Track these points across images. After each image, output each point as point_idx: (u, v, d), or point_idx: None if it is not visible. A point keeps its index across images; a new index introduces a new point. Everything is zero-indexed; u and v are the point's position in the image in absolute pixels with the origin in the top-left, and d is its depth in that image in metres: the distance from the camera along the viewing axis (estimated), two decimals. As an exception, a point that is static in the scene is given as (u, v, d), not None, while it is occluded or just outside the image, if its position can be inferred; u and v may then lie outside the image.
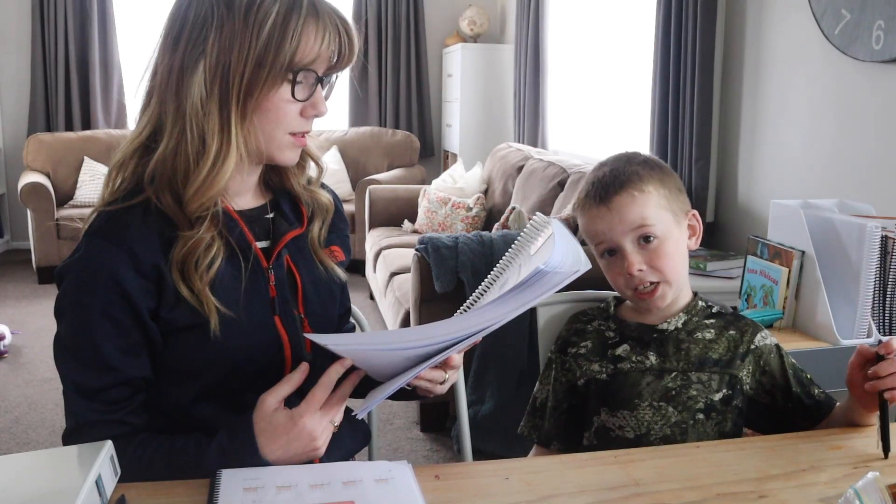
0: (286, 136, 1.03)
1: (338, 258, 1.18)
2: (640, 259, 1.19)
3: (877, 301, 1.70)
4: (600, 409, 1.23)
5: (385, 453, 2.62)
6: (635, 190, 1.20)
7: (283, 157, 1.05)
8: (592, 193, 1.22)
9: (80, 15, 5.41)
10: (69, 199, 5.10)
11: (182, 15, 0.99)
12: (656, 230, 1.20)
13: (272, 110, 0.99)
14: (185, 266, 0.98)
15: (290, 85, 0.99)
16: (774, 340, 1.26)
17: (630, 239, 1.20)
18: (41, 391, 3.15)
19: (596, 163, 1.29)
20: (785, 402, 1.22)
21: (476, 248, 2.65)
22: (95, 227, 0.99)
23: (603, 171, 1.24)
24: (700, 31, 2.83)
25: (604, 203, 1.20)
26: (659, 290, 1.20)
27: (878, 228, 1.65)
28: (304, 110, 1.03)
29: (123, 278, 0.96)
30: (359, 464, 1.02)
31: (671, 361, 1.22)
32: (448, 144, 5.91)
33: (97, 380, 0.98)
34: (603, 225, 1.21)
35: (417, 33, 5.87)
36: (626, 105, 3.93)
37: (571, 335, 1.30)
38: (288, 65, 0.97)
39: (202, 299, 0.99)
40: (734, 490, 0.93)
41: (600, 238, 1.22)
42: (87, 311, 0.97)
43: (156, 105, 1.01)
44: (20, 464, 0.93)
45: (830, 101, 2.42)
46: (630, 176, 1.21)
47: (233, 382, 1.05)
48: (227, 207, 1.04)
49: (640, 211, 1.19)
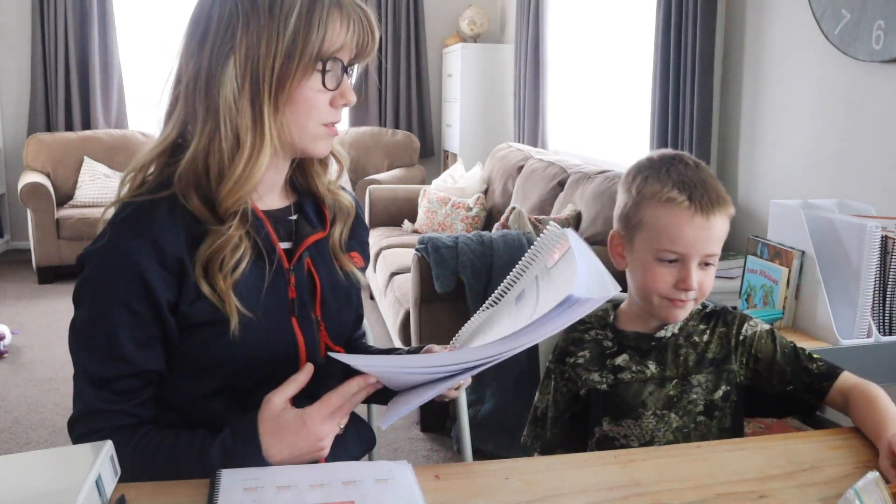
0: (320, 126, 1.04)
1: (357, 264, 1.18)
2: (697, 279, 1.17)
3: (877, 301, 1.70)
4: (602, 420, 1.23)
5: (385, 453, 2.62)
6: (727, 215, 1.18)
7: (316, 149, 1.06)
8: (695, 197, 1.15)
9: (80, 15, 5.40)
10: (69, 199, 5.10)
11: (206, 16, 1.00)
12: (717, 259, 1.19)
13: (303, 101, 1.00)
14: (210, 264, 0.98)
15: (320, 74, 1.00)
16: (766, 326, 1.25)
17: (701, 257, 1.17)
18: (41, 391, 3.15)
19: (595, 164, 1.29)
20: (783, 385, 1.21)
21: (476, 248, 2.65)
22: (122, 217, 1.00)
23: (689, 175, 1.17)
24: (700, 31, 2.83)
25: (705, 214, 1.15)
26: (689, 304, 1.20)
27: (878, 228, 1.65)
28: (334, 100, 1.03)
29: (146, 269, 0.96)
30: (359, 464, 1.02)
31: (671, 368, 1.22)
32: (448, 144, 5.91)
33: (109, 369, 0.98)
34: (692, 233, 1.15)
35: (417, 33, 5.87)
36: (626, 105, 3.93)
37: (569, 345, 1.29)
38: (317, 54, 0.99)
39: (224, 298, 0.99)
40: (734, 490, 0.93)
41: (678, 243, 1.15)
42: (106, 300, 0.97)
43: (182, 109, 1.02)
44: (20, 464, 0.93)
45: (830, 101, 2.42)
46: (725, 197, 1.18)
47: (245, 381, 1.05)
48: (254, 207, 1.05)
49: (723, 236, 1.17)
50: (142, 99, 5.72)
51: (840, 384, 1.18)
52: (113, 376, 0.99)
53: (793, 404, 1.22)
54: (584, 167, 3.52)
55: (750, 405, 1.25)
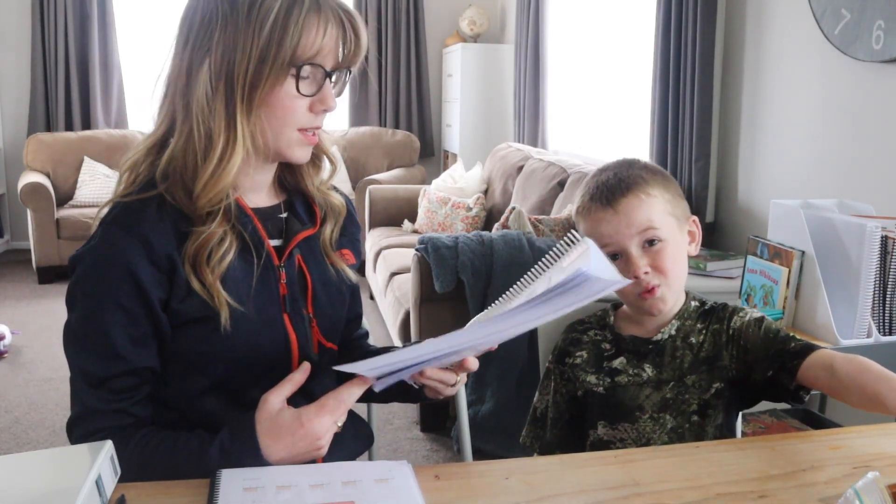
0: (295, 132, 1.03)
1: (348, 261, 1.18)
2: (645, 262, 1.19)
3: (877, 301, 1.70)
4: (597, 423, 1.23)
5: (385, 453, 2.62)
6: (642, 193, 1.19)
7: (293, 155, 1.05)
8: (597, 196, 1.21)
9: (80, 15, 5.41)
10: (69, 199, 5.10)
11: (190, 17, 1.01)
12: (661, 233, 1.19)
13: (279, 106, 1.00)
14: (198, 259, 0.99)
15: (294, 80, 0.99)
16: (756, 315, 1.22)
17: (636, 242, 1.19)
18: (41, 391, 3.15)
19: (595, 164, 1.30)
20: (764, 372, 1.16)
21: (476, 248, 2.65)
22: (111, 217, 1.00)
23: (606, 175, 1.23)
24: (700, 31, 2.83)
25: (610, 205, 1.19)
26: (658, 291, 1.20)
27: (878, 228, 1.65)
28: (313, 106, 1.03)
29: (137, 267, 0.97)
30: (359, 464, 1.02)
31: (667, 371, 1.21)
32: (448, 144, 5.91)
33: (105, 368, 0.99)
34: (609, 228, 1.20)
35: (417, 33, 5.87)
36: (626, 105, 3.93)
37: (568, 345, 1.29)
38: (290, 59, 0.98)
39: (213, 293, 0.99)
40: (734, 490, 0.93)
41: (605, 241, 1.20)
42: (98, 299, 0.98)
43: (168, 105, 1.03)
44: (20, 464, 0.93)
45: (830, 101, 2.42)
46: (636, 179, 1.20)
47: (239, 378, 1.05)
48: (241, 203, 1.05)
49: (646, 214, 1.19)
50: (142, 99, 5.72)
51: (819, 360, 1.11)
52: (109, 375, 0.99)
53: (774, 389, 1.16)
54: (584, 167, 3.52)
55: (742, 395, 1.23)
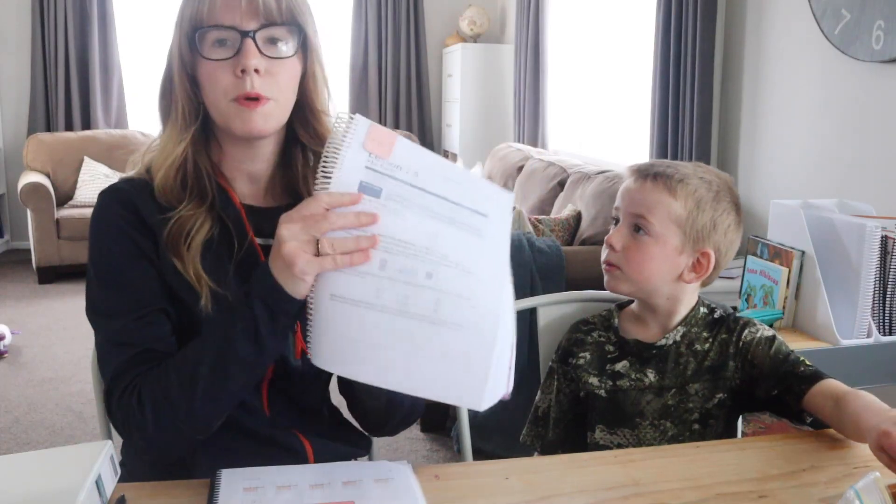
0: (229, 103, 1.01)
1: None
2: (620, 239, 1.20)
3: (877, 301, 1.70)
4: (596, 427, 1.23)
5: (385, 453, 2.62)
6: (665, 188, 1.19)
7: (233, 126, 1.03)
8: (642, 167, 1.23)
9: (80, 15, 5.40)
10: (69, 199, 5.09)
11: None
12: (651, 229, 1.18)
13: (206, 77, 1.02)
14: (175, 238, 1.02)
15: (204, 46, 1.01)
16: (767, 333, 1.22)
17: (629, 220, 1.21)
18: (41, 391, 3.15)
19: (595, 164, 1.31)
20: (769, 391, 1.17)
21: (476, 248, 2.64)
22: (106, 189, 1.07)
23: (667, 162, 1.26)
24: (700, 31, 2.83)
25: (641, 178, 1.21)
26: (616, 272, 1.21)
27: (878, 228, 1.65)
28: (235, 69, 1.00)
29: (131, 227, 1.02)
30: (359, 464, 1.02)
31: (670, 377, 1.21)
32: (448, 144, 5.91)
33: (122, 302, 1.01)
34: (626, 194, 1.22)
35: (417, 33, 5.87)
36: (626, 105, 3.93)
37: (571, 345, 1.28)
38: (193, 25, 1.00)
39: (188, 270, 1.01)
40: (734, 490, 0.93)
41: (619, 205, 1.23)
42: (104, 244, 1.03)
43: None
44: (20, 464, 0.93)
45: (830, 101, 2.42)
46: (677, 174, 1.20)
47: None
48: (231, 194, 1.07)
49: (652, 204, 1.19)
50: (142, 99, 5.72)
51: (827, 389, 1.10)
52: (127, 308, 1.00)
53: (778, 408, 1.18)
54: (584, 167, 3.52)
55: (743, 404, 1.24)
